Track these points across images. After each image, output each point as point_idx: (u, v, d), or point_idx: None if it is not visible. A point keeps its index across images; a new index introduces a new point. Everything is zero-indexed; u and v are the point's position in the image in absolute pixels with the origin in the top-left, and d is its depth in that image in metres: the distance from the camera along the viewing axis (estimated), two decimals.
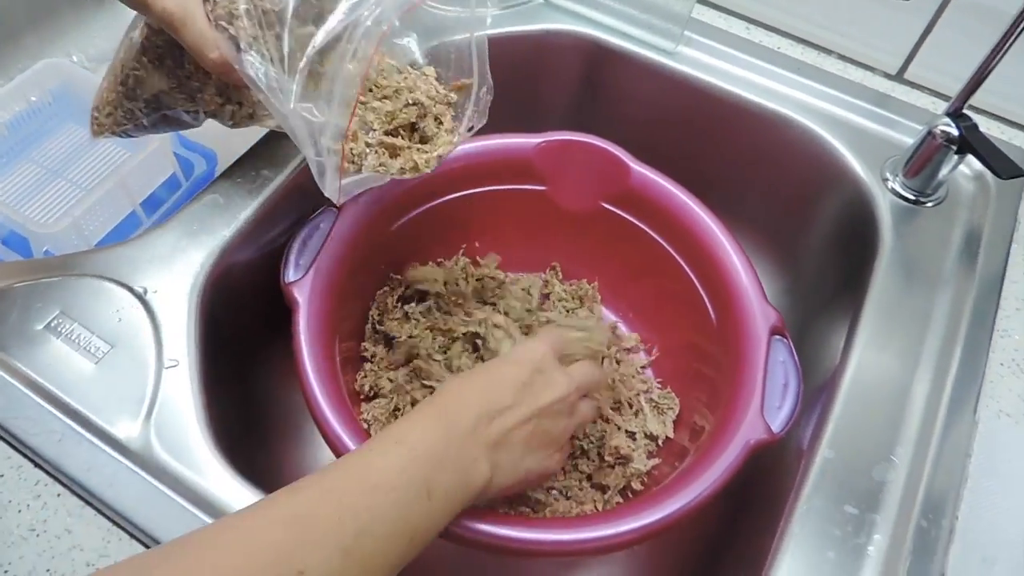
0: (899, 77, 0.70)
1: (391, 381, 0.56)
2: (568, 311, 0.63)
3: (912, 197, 0.60)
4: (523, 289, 0.63)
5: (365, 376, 0.57)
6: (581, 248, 0.64)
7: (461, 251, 0.63)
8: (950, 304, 0.55)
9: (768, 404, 0.48)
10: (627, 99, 0.71)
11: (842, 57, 0.71)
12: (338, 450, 0.44)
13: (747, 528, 0.53)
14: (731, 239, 0.55)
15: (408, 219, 0.58)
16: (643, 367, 0.61)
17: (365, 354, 0.58)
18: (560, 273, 0.65)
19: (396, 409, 0.55)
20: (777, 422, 0.48)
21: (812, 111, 0.65)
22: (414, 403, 0.55)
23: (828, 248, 0.65)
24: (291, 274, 0.51)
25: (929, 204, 0.60)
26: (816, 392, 0.53)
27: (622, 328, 0.64)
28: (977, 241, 0.58)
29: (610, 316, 0.65)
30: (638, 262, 0.61)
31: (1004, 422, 0.51)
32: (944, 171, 0.58)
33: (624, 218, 0.60)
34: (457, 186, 0.59)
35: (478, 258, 0.64)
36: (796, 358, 0.51)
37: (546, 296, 0.64)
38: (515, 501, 0.52)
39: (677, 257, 0.58)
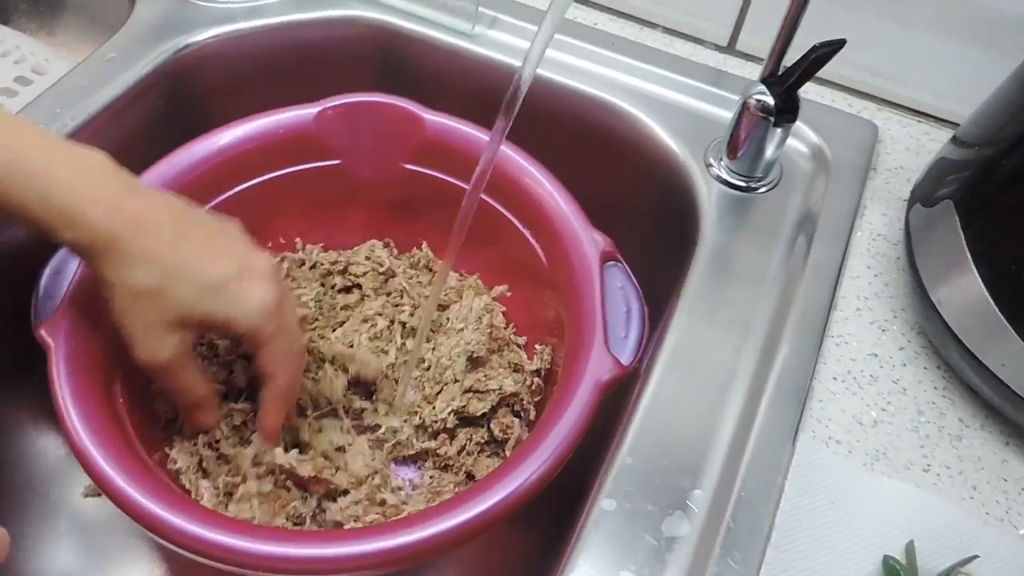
0: (730, 48, 0.62)
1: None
2: (422, 284, 0.57)
3: (740, 183, 0.52)
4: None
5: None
6: (398, 217, 0.58)
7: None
8: (774, 308, 0.46)
9: (612, 335, 0.43)
10: (430, 89, 0.63)
11: (668, 31, 0.63)
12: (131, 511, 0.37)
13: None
14: (542, 169, 0.50)
15: None
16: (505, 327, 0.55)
17: None
18: (394, 249, 0.60)
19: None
20: (626, 353, 0.43)
21: (630, 92, 0.57)
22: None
23: (654, 250, 0.55)
24: (42, 312, 0.43)
25: (762, 189, 0.52)
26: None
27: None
28: (811, 230, 0.50)
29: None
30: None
31: (834, 452, 0.40)
32: (771, 148, 0.51)
33: (431, 175, 0.55)
34: (241, 176, 0.52)
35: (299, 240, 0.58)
36: (635, 280, 0.46)
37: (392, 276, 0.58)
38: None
39: (492, 202, 0.52)
